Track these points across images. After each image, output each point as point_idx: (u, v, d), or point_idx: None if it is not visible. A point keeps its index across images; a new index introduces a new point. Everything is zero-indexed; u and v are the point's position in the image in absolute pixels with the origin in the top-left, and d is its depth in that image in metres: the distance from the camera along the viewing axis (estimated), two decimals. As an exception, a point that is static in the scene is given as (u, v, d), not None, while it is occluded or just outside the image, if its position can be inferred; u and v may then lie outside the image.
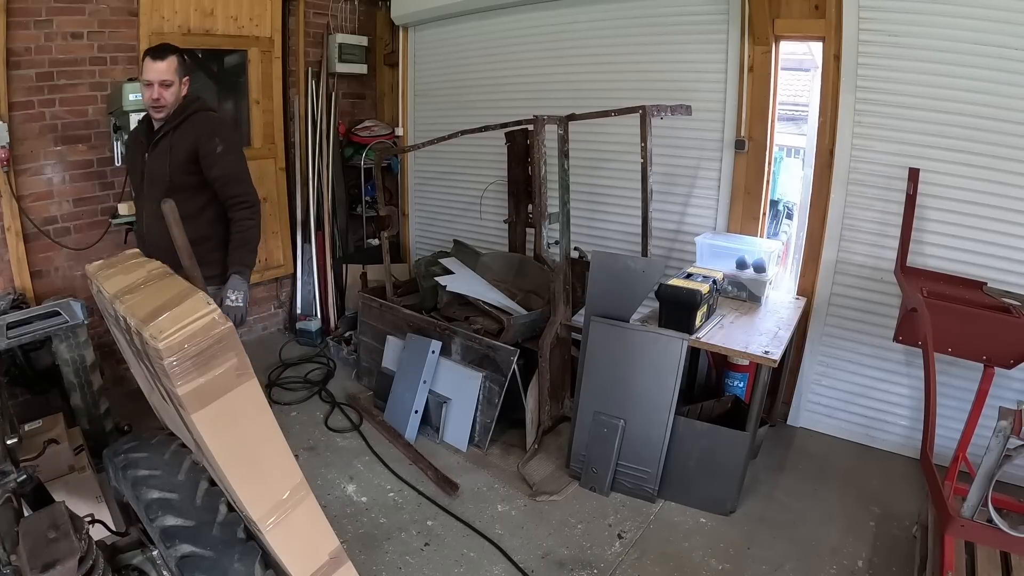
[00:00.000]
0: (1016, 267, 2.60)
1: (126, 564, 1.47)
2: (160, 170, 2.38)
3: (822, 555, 2.34)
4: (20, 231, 3.06)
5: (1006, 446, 1.52)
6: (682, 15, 3.26)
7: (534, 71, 3.88)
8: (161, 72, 2.30)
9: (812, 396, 3.20)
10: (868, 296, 2.96)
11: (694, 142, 3.32)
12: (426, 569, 2.26)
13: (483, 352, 2.97)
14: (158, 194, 2.25)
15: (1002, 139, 2.55)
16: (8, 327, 2.47)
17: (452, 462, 2.90)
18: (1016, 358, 2.12)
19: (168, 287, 1.30)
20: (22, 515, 1.36)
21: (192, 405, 1.15)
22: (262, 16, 3.91)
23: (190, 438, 1.38)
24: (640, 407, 2.58)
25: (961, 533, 1.72)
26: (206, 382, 1.15)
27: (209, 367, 1.15)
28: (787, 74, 3.35)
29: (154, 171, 2.40)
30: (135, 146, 2.53)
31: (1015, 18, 2.43)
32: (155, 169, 2.39)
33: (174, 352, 1.10)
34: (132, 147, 2.57)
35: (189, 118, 2.38)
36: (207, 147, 2.36)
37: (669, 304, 2.56)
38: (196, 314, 1.14)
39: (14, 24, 2.91)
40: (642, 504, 2.62)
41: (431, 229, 4.75)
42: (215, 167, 2.36)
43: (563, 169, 2.91)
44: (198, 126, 2.39)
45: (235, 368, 1.19)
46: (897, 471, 2.88)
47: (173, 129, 2.37)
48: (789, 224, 3.93)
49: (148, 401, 1.75)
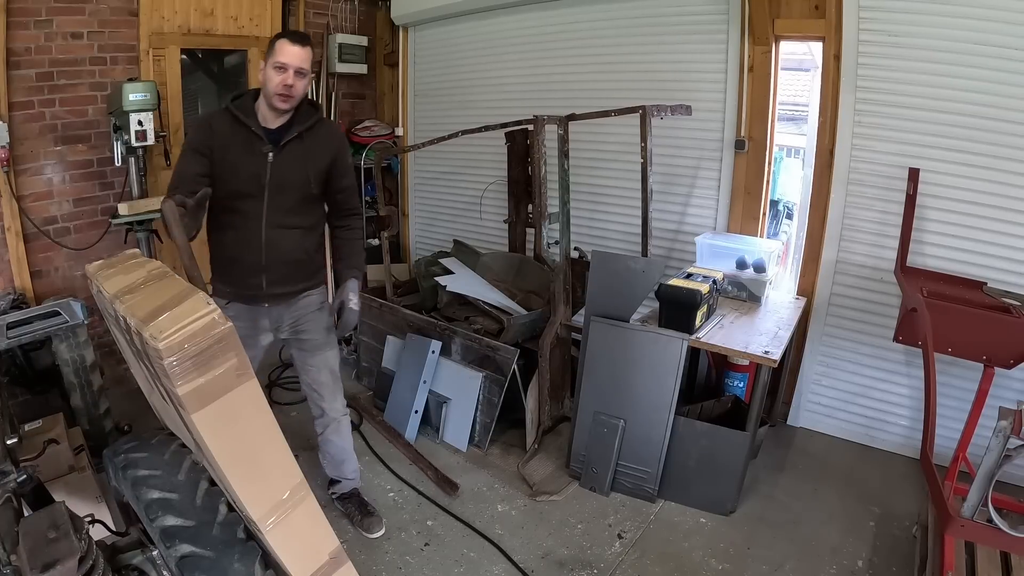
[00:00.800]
0: (1016, 267, 2.60)
1: (126, 564, 1.47)
2: (297, 177, 2.10)
3: (822, 555, 2.34)
4: (20, 231, 3.06)
5: (1006, 446, 1.52)
6: (682, 15, 3.27)
7: (534, 71, 3.88)
8: (300, 58, 1.99)
9: (812, 396, 3.20)
10: (868, 296, 2.96)
11: (694, 142, 3.32)
12: (426, 569, 2.26)
13: (483, 352, 2.97)
14: (288, 203, 2.09)
15: (1002, 139, 2.55)
16: (8, 327, 2.47)
17: (452, 462, 2.90)
18: (1016, 358, 2.12)
19: (168, 287, 1.30)
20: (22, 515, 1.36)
21: (192, 405, 1.15)
22: (262, 16, 3.91)
23: (190, 438, 1.38)
24: (640, 407, 2.58)
25: (961, 533, 1.72)
26: (206, 382, 1.15)
27: (209, 367, 1.15)
28: (787, 74, 3.35)
29: (287, 177, 2.08)
30: (235, 146, 2.03)
31: (1015, 18, 2.43)
32: (289, 176, 2.08)
33: (174, 352, 1.10)
34: (226, 145, 2.03)
35: (321, 123, 2.16)
36: (344, 158, 2.22)
37: (669, 304, 2.56)
38: (196, 314, 1.14)
39: (14, 24, 2.91)
40: (642, 504, 2.62)
41: (431, 229, 4.75)
42: (346, 177, 2.24)
43: (563, 169, 2.91)
44: (334, 134, 2.28)
45: (235, 368, 1.19)
46: (897, 471, 2.88)
47: (307, 132, 2.09)
48: (789, 224, 3.93)
49: (148, 401, 1.75)
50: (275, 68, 1.98)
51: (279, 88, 1.98)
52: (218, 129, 2.04)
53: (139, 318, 1.17)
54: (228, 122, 2.05)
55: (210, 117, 2.12)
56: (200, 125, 2.19)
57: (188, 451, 1.56)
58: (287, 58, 1.97)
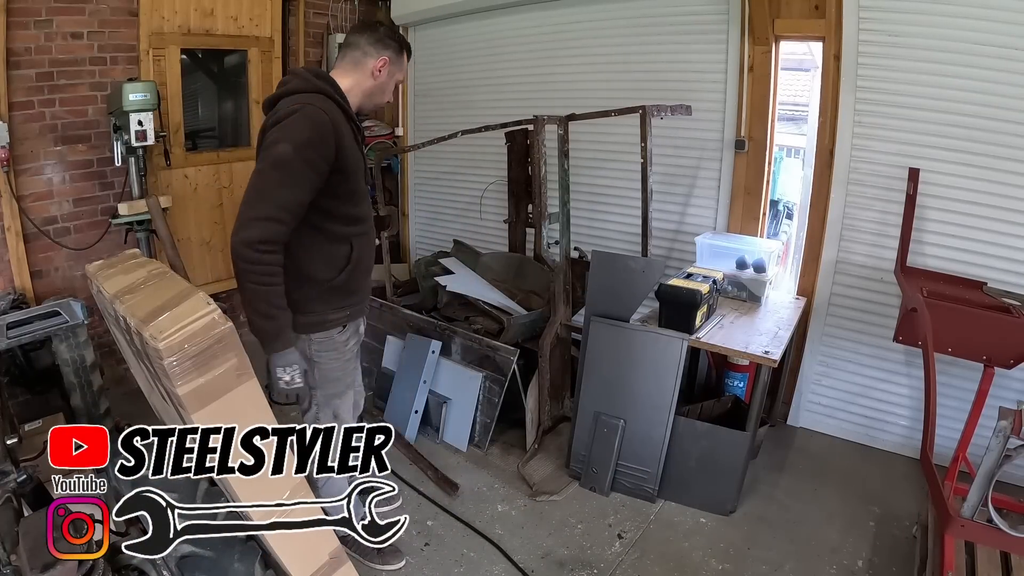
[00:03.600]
0: (1016, 267, 2.60)
1: (126, 564, 1.47)
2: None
3: (822, 555, 2.34)
4: (20, 231, 3.06)
5: (1006, 446, 1.52)
6: (682, 15, 3.26)
7: (534, 71, 3.87)
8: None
9: (812, 396, 3.20)
10: (868, 296, 2.96)
11: (694, 142, 3.32)
12: (426, 569, 2.26)
13: (483, 352, 2.97)
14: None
15: (1002, 139, 2.54)
16: (8, 327, 2.47)
17: (452, 462, 2.90)
18: (1016, 358, 2.12)
19: (168, 287, 1.30)
20: (22, 515, 1.37)
21: (192, 405, 1.16)
22: (262, 16, 3.91)
23: (190, 438, 1.38)
24: (640, 407, 2.58)
25: (961, 533, 1.72)
26: (206, 382, 1.15)
27: (209, 367, 1.15)
28: (787, 74, 3.35)
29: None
30: (350, 142, 1.77)
31: (1015, 18, 2.43)
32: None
33: (174, 352, 1.11)
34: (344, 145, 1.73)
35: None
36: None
37: (669, 304, 2.56)
38: (196, 314, 1.15)
39: (14, 24, 2.90)
40: (642, 504, 2.62)
41: (431, 229, 4.75)
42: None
43: (563, 169, 2.91)
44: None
45: (235, 368, 1.19)
46: (897, 471, 2.87)
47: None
48: (789, 224, 3.93)
49: (148, 401, 1.75)
50: (397, 82, 1.92)
51: (390, 97, 1.94)
52: (337, 126, 1.70)
53: (139, 318, 1.17)
54: (338, 113, 1.73)
55: (326, 110, 1.69)
56: (323, 126, 1.66)
57: (188, 451, 1.56)
58: (403, 75, 1.94)
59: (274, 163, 1.58)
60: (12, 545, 1.18)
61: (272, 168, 1.58)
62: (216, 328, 1.15)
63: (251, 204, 1.56)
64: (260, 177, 1.59)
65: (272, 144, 1.60)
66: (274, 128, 1.63)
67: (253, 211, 1.55)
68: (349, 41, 1.85)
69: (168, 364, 1.10)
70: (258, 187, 1.58)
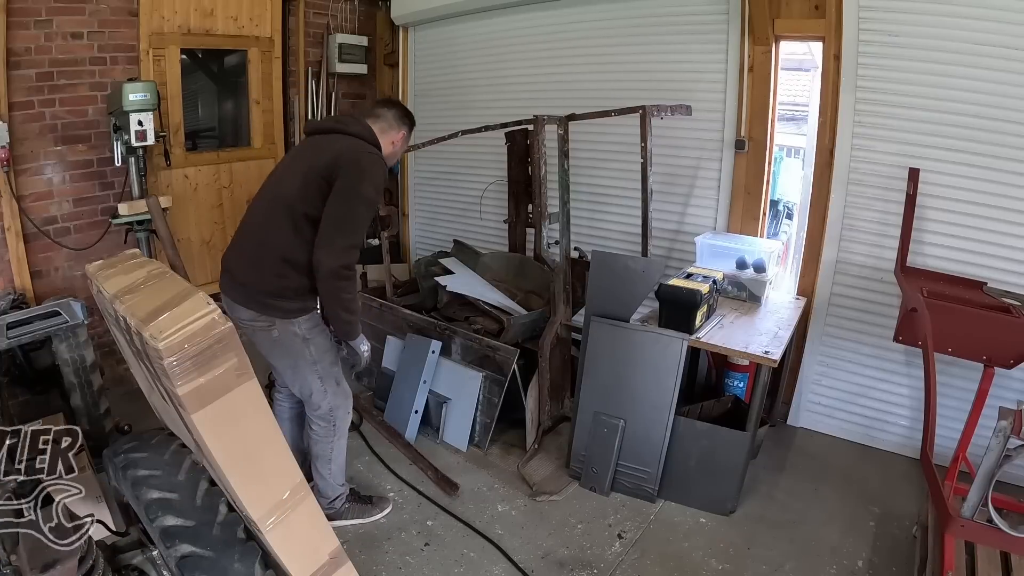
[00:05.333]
0: (1016, 267, 2.60)
1: (126, 564, 1.47)
2: None
3: (822, 555, 2.34)
4: (20, 231, 3.06)
5: (1006, 446, 1.52)
6: (682, 15, 3.26)
7: (534, 71, 3.88)
8: None
9: (812, 396, 3.20)
10: (868, 296, 2.96)
11: (694, 142, 3.32)
12: (426, 569, 2.26)
13: (483, 352, 2.97)
14: None
15: (1002, 139, 2.54)
16: (8, 327, 2.46)
17: (452, 462, 2.90)
18: (1016, 358, 2.12)
19: (168, 287, 1.30)
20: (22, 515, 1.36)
21: (192, 405, 1.15)
22: (262, 16, 3.91)
23: (190, 438, 1.38)
24: (640, 407, 2.58)
25: (961, 533, 1.72)
26: (206, 382, 1.15)
27: (209, 367, 1.15)
28: (787, 74, 3.35)
29: None
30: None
31: (1015, 18, 2.43)
32: None
33: (174, 352, 1.10)
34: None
35: None
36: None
37: (669, 304, 2.56)
38: (196, 314, 1.14)
39: (14, 24, 2.91)
40: (642, 504, 2.62)
41: (431, 229, 4.75)
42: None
43: (563, 169, 2.91)
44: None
45: (235, 368, 1.19)
46: (897, 471, 2.87)
47: None
48: (789, 224, 3.93)
49: (148, 401, 1.75)
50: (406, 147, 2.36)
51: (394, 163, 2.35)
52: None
53: (139, 318, 1.17)
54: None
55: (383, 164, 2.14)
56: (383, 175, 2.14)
57: (188, 451, 1.56)
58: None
59: (363, 201, 1.97)
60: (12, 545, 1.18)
61: (361, 205, 1.97)
62: (216, 328, 1.15)
63: (345, 234, 1.95)
64: (351, 211, 1.96)
65: (358, 183, 1.96)
66: (355, 167, 1.98)
67: (347, 240, 1.95)
68: (378, 112, 2.22)
69: (168, 364, 1.10)
70: (349, 219, 1.95)
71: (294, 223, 1.99)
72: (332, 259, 1.93)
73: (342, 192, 1.95)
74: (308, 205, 1.97)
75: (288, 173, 2.11)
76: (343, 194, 1.95)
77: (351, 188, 1.95)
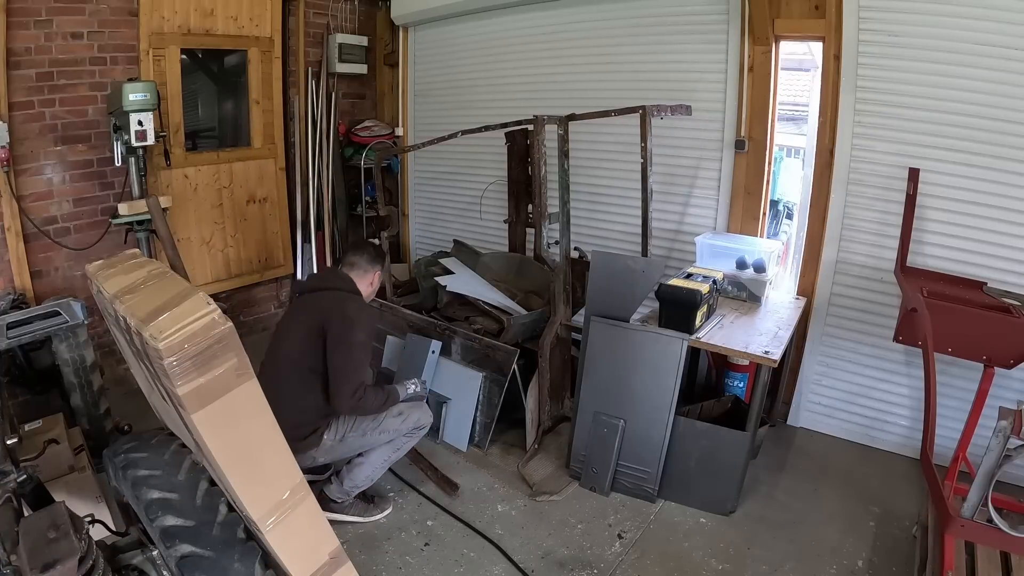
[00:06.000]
0: (1016, 267, 2.60)
1: (126, 564, 1.47)
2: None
3: (822, 555, 2.34)
4: (20, 231, 3.06)
5: (1006, 446, 1.52)
6: (682, 15, 3.27)
7: (534, 71, 3.88)
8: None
9: (812, 396, 3.20)
10: (868, 296, 2.96)
11: (694, 142, 3.32)
12: (426, 569, 2.26)
13: (483, 352, 2.97)
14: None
15: (1002, 139, 2.55)
16: (8, 327, 2.46)
17: (452, 462, 2.90)
18: (1016, 358, 2.12)
19: (168, 287, 1.30)
20: (22, 515, 1.36)
21: (192, 405, 1.15)
22: (262, 16, 3.91)
23: (190, 438, 1.38)
24: (640, 407, 2.58)
25: (961, 533, 1.72)
26: (206, 382, 1.15)
27: (209, 367, 1.15)
28: (787, 74, 3.35)
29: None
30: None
31: (1015, 18, 2.43)
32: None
33: (174, 352, 1.10)
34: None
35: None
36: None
37: (669, 304, 2.56)
38: (196, 314, 1.14)
39: (14, 24, 2.91)
40: (642, 504, 2.62)
41: (431, 229, 4.75)
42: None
43: (563, 169, 2.91)
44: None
45: (235, 368, 1.19)
46: (897, 471, 2.87)
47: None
48: (789, 224, 3.93)
49: (148, 401, 1.75)
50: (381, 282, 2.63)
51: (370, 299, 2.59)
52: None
53: (139, 318, 1.17)
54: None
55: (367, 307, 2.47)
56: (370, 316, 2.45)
57: (188, 451, 1.56)
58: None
59: (356, 347, 2.28)
60: (12, 545, 1.18)
61: (356, 350, 2.27)
62: (216, 328, 1.15)
63: (350, 380, 2.23)
64: (350, 359, 2.25)
65: (349, 333, 2.26)
66: (343, 319, 2.27)
67: (353, 385, 2.23)
68: (352, 261, 2.50)
69: (168, 364, 1.10)
70: (350, 367, 2.24)
71: (301, 377, 2.31)
72: (346, 403, 2.24)
73: (337, 345, 2.24)
74: (311, 359, 2.28)
75: (287, 335, 2.41)
76: (338, 347, 2.24)
77: (343, 339, 2.25)
